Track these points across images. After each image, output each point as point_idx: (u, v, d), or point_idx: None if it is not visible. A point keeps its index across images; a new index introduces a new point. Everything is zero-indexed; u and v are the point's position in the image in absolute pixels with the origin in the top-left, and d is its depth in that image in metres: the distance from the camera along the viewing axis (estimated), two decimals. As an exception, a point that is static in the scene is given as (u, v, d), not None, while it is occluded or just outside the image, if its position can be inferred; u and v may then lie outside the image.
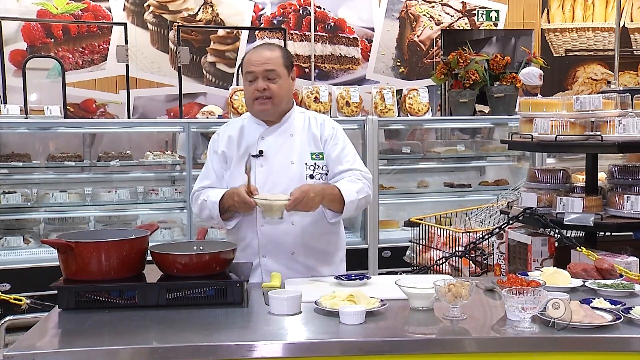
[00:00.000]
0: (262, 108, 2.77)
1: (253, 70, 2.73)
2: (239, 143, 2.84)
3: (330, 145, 2.85)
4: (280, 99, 2.77)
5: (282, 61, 2.76)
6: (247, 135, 2.84)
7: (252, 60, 2.75)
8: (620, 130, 2.93)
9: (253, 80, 2.74)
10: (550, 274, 2.47)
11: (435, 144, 6.37)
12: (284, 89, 2.77)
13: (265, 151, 2.79)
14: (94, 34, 7.16)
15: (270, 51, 2.77)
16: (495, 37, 7.80)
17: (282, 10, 7.65)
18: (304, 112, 2.93)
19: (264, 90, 2.72)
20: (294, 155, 2.80)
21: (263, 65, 2.72)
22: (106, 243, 2.26)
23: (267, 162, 2.78)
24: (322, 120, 2.92)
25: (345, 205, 2.68)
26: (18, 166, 5.26)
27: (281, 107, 2.81)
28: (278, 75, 2.74)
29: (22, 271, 4.94)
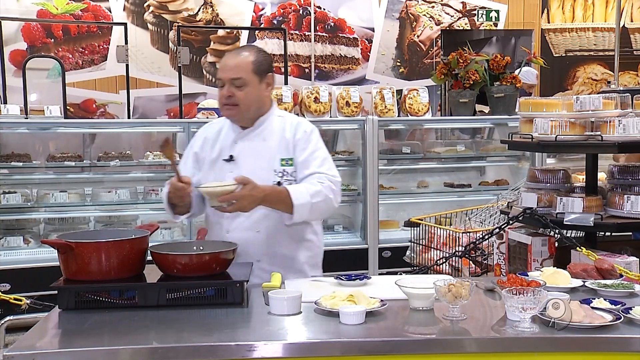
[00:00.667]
0: (228, 114, 2.77)
1: (221, 77, 2.72)
2: (214, 146, 2.83)
3: (299, 149, 2.78)
4: (247, 107, 2.73)
5: (252, 67, 2.71)
6: (223, 139, 2.83)
7: (222, 66, 2.75)
8: (620, 131, 2.93)
9: (222, 86, 2.73)
10: (550, 274, 2.47)
11: (435, 144, 6.37)
12: (252, 96, 2.72)
13: (236, 156, 2.77)
14: (94, 34, 7.16)
15: (239, 57, 2.73)
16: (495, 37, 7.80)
17: (282, 11, 7.66)
18: (284, 117, 2.87)
19: (229, 97, 2.70)
20: (264, 161, 2.76)
21: (229, 73, 2.70)
22: (106, 243, 2.26)
23: (236, 167, 2.75)
24: (297, 124, 2.84)
25: (295, 209, 2.60)
26: (18, 166, 5.26)
27: (249, 114, 2.76)
28: (245, 83, 2.69)
29: (22, 271, 4.93)
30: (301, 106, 5.52)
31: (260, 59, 2.76)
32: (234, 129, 2.82)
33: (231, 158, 2.77)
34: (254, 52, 2.77)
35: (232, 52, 2.79)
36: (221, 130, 2.86)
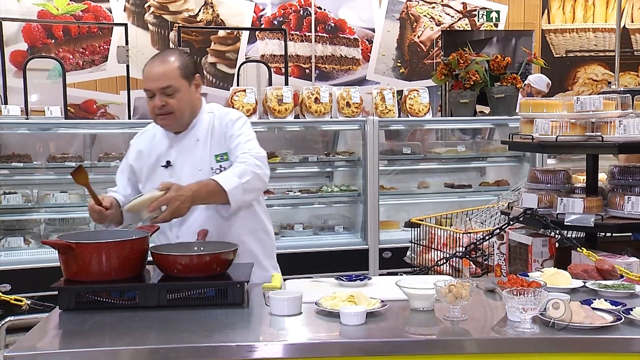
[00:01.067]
0: (164, 124, 2.70)
1: (149, 88, 2.63)
2: (149, 155, 2.77)
3: (227, 136, 2.72)
4: (181, 113, 2.67)
5: (180, 73, 2.63)
6: (157, 145, 2.77)
7: (148, 76, 2.64)
8: (620, 131, 2.93)
9: (151, 97, 2.65)
10: (551, 275, 2.47)
11: (436, 144, 6.37)
12: (185, 101, 2.66)
13: (173, 161, 2.73)
14: (95, 34, 7.16)
15: (165, 65, 2.63)
16: (495, 38, 7.81)
17: (283, 11, 7.66)
18: (213, 112, 2.80)
19: (162, 107, 2.63)
20: (200, 161, 2.71)
21: (157, 82, 2.61)
22: (107, 244, 2.26)
23: (175, 172, 2.71)
24: (225, 115, 2.77)
25: (229, 194, 2.50)
26: (19, 167, 5.26)
27: (184, 119, 2.70)
28: (176, 90, 2.62)
29: (22, 272, 4.93)
30: (302, 107, 5.52)
31: (186, 62, 2.69)
32: (168, 135, 2.76)
33: (168, 164, 2.73)
34: (178, 56, 2.68)
35: (155, 59, 2.68)
36: (154, 138, 2.79)
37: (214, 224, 2.69)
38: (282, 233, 5.73)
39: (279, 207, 5.81)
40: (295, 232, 5.72)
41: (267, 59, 7.37)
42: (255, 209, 2.84)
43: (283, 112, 5.41)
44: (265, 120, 5.44)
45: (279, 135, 6.02)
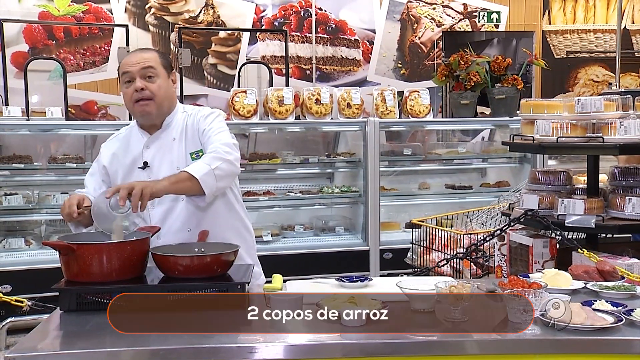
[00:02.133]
0: (144, 109, 2.65)
1: (129, 70, 2.63)
2: (125, 156, 2.75)
3: (202, 135, 2.71)
4: (161, 99, 2.66)
5: (160, 61, 2.68)
6: (132, 147, 2.75)
7: (128, 62, 2.65)
8: (621, 132, 2.93)
9: (130, 81, 2.63)
10: (552, 276, 2.47)
11: (437, 145, 6.37)
12: (164, 89, 2.67)
13: (150, 161, 2.71)
14: (96, 35, 7.16)
15: (145, 52, 2.70)
16: (496, 39, 7.81)
17: (284, 12, 7.66)
18: (187, 112, 2.79)
19: (142, 90, 2.61)
20: (177, 159, 2.70)
21: (139, 64, 2.62)
22: (107, 245, 2.27)
23: (152, 172, 2.69)
24: (198, 113, 2.77)
25: (201, 181, 2.47)
26: (19, 168, 5.26)
27: (163, 109, 2.70)
28: (156, 75, 2.64)
29: (23, 273, 4.94)
30: (302, 108, 5.52)
31: (164, 55, 2.75)
32: (143, 135, 2.75)
33: (146, 165, 2.70)
34: (156, 50, 2.76)
35: (134, 50, 2.77)
36: (129, 141, 2.77)
37: (195, 221, 2.68)
38: (283, 234, 5.73)
39: (280, 208, 5.82)
40: (296, 233, 5.73)
41: (267, 60, 7.37)
42: (235, 207, 2.84)
43: (284, 113, 5.41)
44: (265, 122, 5.44)
45: (280, 137, 6.02)
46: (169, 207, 2.70)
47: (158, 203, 2.67)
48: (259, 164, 5.54)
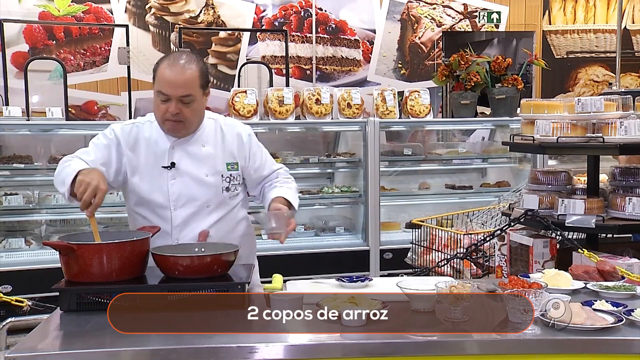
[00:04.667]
0: (172, 130, 2.65)
1: (167, 93, 2.56)
2: (147, 151, 2.69)
3: (251, 155, 2.79)
4: (192, 122, 2.65)
5: (199, 82, 2.60)
6: (156, 145, 2.69)
7: (168, 80, 2.55)
8: (621, 132, 2.93)
9: (165, 101, 2.58)
10: (552, 276, 2.47)
11: (437, 145, 6.37)
12: (197, 111, 2.65)
13: (177, 163, 2.67)
14: (96, 35, 7.16)
15: (188, 72, 2.57)
16: (496, 39, 7.81)
17: (284, 12, 7.66)
18: (215, 119, 2.79)
19: (176, 114, 2.58)
20: (207, 167, 2.70)
21: (179, 90, 2.55)
22: (107, 245, 2.26)
23: (178, 174, 2.67)
24: (235, 127, 2.81)
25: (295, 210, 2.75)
26: (20, 168, 5.26)
27: (193, 128, 2.69)
28: (193, 100, 2.59)
29: (23, 273, 4.94)
30: (302, 108, 5.52)
31: (204, 70, 2.65)
32: (168, 136, 2.70)
33: (173, 165, 2.67)
34: (197, 63, 2.62)
35: (176, 64, 2.57)
36: (151, 134, 2.70)
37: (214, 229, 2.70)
38: (283, 234, 5.73)
39: (280, 208, 5.81)
40: (296, 233, 5.72)
41: (268, 60, 7.37)
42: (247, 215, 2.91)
43: (284, 113, 5.41)
44: (266, 122, 5.44)
45: (280, 137, 6.02)
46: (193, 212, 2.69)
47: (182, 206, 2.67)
48: (259, 164, 5.53)
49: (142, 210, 2.73)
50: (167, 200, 2.67)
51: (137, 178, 2.69)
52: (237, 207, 2.80)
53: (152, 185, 2.68)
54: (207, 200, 2.68)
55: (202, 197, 2.68)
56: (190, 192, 2.67)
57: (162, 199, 2.67)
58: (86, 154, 2.66)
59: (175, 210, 2.67)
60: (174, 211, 2.67)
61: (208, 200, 2.69)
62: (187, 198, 2.67)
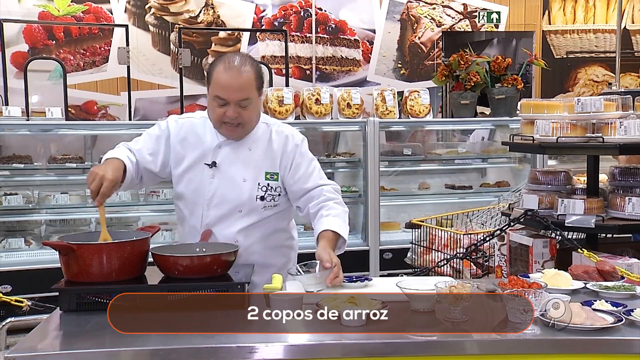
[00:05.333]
0: (231, 134, 2.64)
1: (226, 98, 2.54)
2: (195, 147, 2.69)
3: (293, 165, 2.72)
4: (250, 124, 2.64)
5: (256, 84, 2.58)
6: (204, 139, 2.69)
7: (226, 85, 2.54)
8: (621, 132, 2.93)
9: (223, 105, 2.56)
10: (552, 276, 2.47)
11: (437, 145, 6.37)
12: (255, 113, 2.64)
13: (219, 162, 2.66)
14: (96, 35, 7.17)
15: (245, 76, 2.54)
16: (496, 39, 7.81)
17: (283, 12, 7.66)
18: (269, 124, 2.76)
19: (235, 117, 2.57)
20: (247, 172, 2.68)
21: (237, 94, 2.54)
22: (107, 245, 2.27)
23: (219, 174, 2.66)
24: (284, 136, 2.74)
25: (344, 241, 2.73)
26: (19, 168, 5.26)
27: (250, 130, 2.67)
28: (250, 103, 2.58)
29: (23, 273, 4.94)
30: (302, 108, 5.53)
31: (259, 72, 2.63)
32: (218, 134, 2.69)
33: (214, 164, 2.67)
34: (253, 65, 2.60)
35: (232, 67, 2.55)
36: (203, 130, 2.70)
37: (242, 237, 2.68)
38: (283, 234, 5.74)
39: (280, 208, 5.81)
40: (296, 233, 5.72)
41: (267, 60, 7.38)
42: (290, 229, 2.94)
43: (284, 113, 5.41)
44: (265, 122, 5.44)
45: (280, 137, 6.01)
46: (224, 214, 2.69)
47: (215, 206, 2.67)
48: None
49: (179, 203, 2.76)
50: (202, 198, 2.67)
51: (179, 171, 2.70)
52: (272, 217, 2.75)
53: (192, 181, 2.68)
54: (239, 204, 2.66)
55: (235, 200, 2.66)
56: (225, 193, 2.66)
57: (198, 196, 2.68)
58: (136, 142, 2.73)
59: (208, 209, 2.67)
60: (206, 210, 2.68)
61: (240, 204, 2.67)
62: (221, 199, 2.66)
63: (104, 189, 2.39)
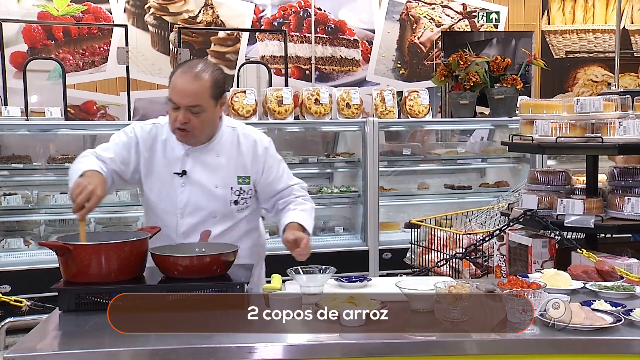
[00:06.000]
0: (182, 138, 2.63)
1: (176, 101, 2.54)
2: (162, 154, 2.68)
3: (265, 168, 2.75)
4: (201, 132, 2.61)
5: (210, 92, 2.56)
6: (170, 150, 2.68)
7: (177, 89, 2.54)
8: (620, 132, 2.93)
9: (175, 109, 2.55)
10: (551, 276, 2.47)
11: (436, 145, 6.37)
12: (207, 122, 2.60)
13: (189, 171, 2.66)
14: (95, 35, 7.16)
15: (198, 82, 2.53)
16: (495, 39, 7.81)
17: (283, 12, 7.66)
18: (235, 128, 2.76)
19: (184, 123, 2.55)
20: (218, 178, 2.68)
21: (187, 99, 2.52)
22: (103, 246, 2.25)
23: (189, 182, 2.66)
24: (253, 139, 2.76)
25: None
26: (19, 168, 5.26)
27: (203, 138, 2.65)
28: (202, 110, 2.55)
29: (22, 273, 4.93)
30: (301, 108, 5.52)
31: (218, 79, 2.61)
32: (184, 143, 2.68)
33: (184, 173, 2.66)
34: (211, 73, 2.58)
35: (188, 72, 2.55)
36: (167, 140, 2.69)
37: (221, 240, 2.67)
38: (282, 234, 5.73)
39: (279, 208, 5.81)
40: (295, 233, 5.71)
41: (267, 60, 7.38)
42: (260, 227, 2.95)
43: (283, 113, 5.41)
44: (265, 122, 5.44)
45: (279, 137, 6.02)
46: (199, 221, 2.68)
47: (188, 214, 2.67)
48: (258, 164, 5.53)
49: (150, 212, 2.75)
50: (175, 207, 2.67)
51: (150, 180, 2.70)
52: (244, 219, 2.77)
53: (162, 190, 2.68)
54: (213, 210, 2.68)
55: (209, 207, 2.68)
56: (198, 201, 2.67)
57: (170, 205, 2.68)
58: (106, 150, 2.69)
59: (182, 218, 2.68)
60: (180, 219, 2.68)
61: (215, 211, 2.68)
62: (195, 207, 2.67)
63: (91, 204, 2.36)
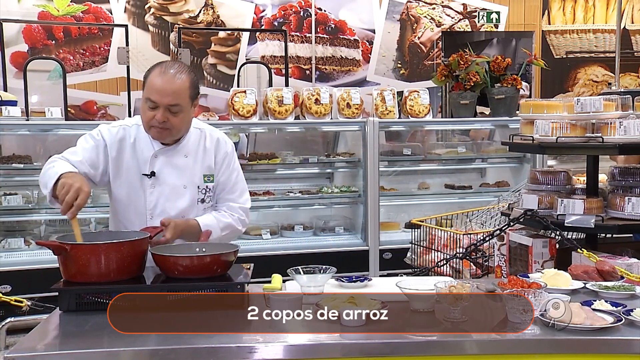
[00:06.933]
0: (158, 136, 2.66)
1: (156, 101, 2.56)
2: (131, 156, 2.70)
3: (223, 168, 2.80)
4: (179, 131, 2.66)
5: (189, 92, 2.61)
6: (140, 148, 2.71)
7: (157, 88, 2.56)
8: (621, 132, 2.93)
9: (153, 108, 2.58)
10: (551, 276, 2.47)
11: (436, 145, 6.37)
12: (184, 121, 2.65)
13: (158, 172, 2.70)
14: (95, 35, 7.17)
15: (178, 82, 2.58)
16: (496, 39, 7.81)
17: (283, 12, 7.66)
18: (201, 129, 2.81)
19: (163, 122, 2.58)
20: (186, 178, 2.73)
21: (168, 99, 2.56)
22: (102, 245, 2.25)
23: (158, 183, 2.70)
24: (216, 139, 2.81)
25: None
26: (19, 168, 5.25)
27: (179, 136, 2.70)
28: (181, 110, 2.59)
29: (23, 273, 4.93)
30: (302, 108, 5.52)
31: (194, 81, 2.67)
32: (153, 143, 2.71)
33: (153, 174, 2.69)
34: (187, 74, 2.64)
35: (167, 73, 2.59)
36: (137, 139, 2.71)
37: None
38: (282, 234, 5.74)
39: (279, 208, 5.82)
40: (296, 233, 5.73)
41: (267, 60, 7.38)
42: None
43: (283, 113, 5.41)
44: (265, 122, 5.44)
45: (279, 136, 6.02)
46: None
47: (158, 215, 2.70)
48: (259, 164, 5.54)
49: (120, 214, 2.76)
50: (144, 208, 2.70)
51: (118, 182, 2.72)
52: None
53: (131, 192, 2.71)
54: (182, 210, 2.72)
55: (178, 207, 2.72)
56: (167, 202, 2.71)
57: (139, 206, 2.71)
58: (74, 154, 2.69)
59: (152, 219, 2.70)
60: (150, 220, 2.70)
61: (183, 210, 2.72)
62: (164, 208, 2.70)
63: (80, 200, 2.39)
